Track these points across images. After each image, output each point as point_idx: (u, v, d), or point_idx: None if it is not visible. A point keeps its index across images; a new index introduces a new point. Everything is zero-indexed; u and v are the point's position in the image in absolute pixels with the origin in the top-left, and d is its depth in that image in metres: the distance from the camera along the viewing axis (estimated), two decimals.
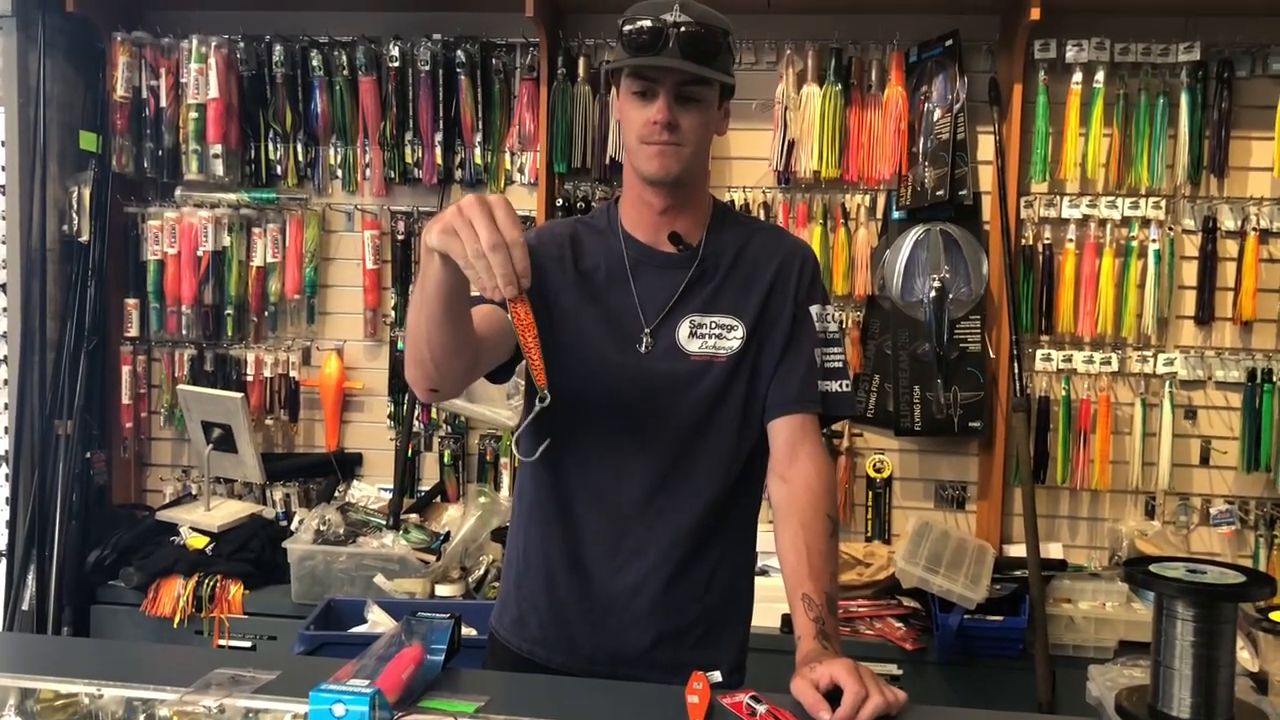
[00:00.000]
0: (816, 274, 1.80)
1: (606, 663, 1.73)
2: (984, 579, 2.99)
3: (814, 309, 1.77)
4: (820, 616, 1.57)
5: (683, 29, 1.60)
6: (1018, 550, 3.27)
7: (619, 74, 1.69)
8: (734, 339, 1.72)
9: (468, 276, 1.31)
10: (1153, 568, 1.50)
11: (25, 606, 3.36)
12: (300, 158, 3.61)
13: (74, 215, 3.54)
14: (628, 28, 1.64)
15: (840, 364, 1.78)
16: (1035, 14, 3.05)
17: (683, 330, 1.72)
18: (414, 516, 3.43)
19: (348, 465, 3.67)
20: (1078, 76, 3.26)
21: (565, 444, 1.71)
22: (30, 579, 3.37)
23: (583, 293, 1.73)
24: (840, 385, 1.78)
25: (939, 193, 3.25)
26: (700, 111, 1.65)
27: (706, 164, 1.78)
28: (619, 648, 1.73)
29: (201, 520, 3.38)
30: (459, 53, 3.45)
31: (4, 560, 3.50)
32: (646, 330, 1.71)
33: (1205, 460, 3.37)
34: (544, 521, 1.78)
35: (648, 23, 1.61)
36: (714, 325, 1.72)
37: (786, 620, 2.87)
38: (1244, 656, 2.74)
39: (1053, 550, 3.35)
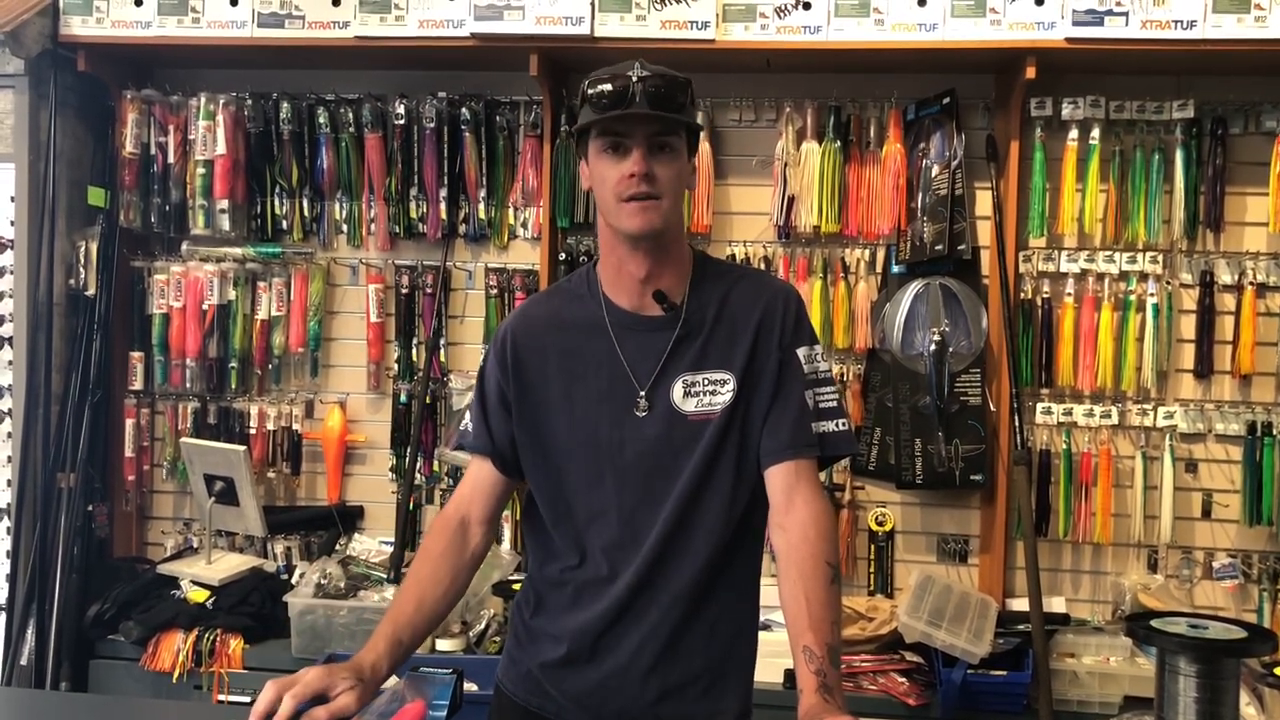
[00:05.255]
0: (801, 315, 1.79)
1: (614, 717, 1.74)
2: (987, 633, 2.97)
3: (801, 351, 1.76)
4: (822, 669, 1.57)
5: (649, 83, 1.64)
6: (1020, 604, 3.26)
7: (587, 138, 1.70)
8: (726, 392, 1.73)
9: None
10: (1155, 623, 1.50)
11: (24, 661, 3.34)
12: (306, 213, 3.65)
13: (81, 269, 3.57)
14: (593, 90, 1.67)
15: (835, 402, 1.78)
16: (1031, 73, 3.10)
17: (677, 391, 1.72)
18: None
19: (349, 518, 3.67)
20: (1074, 133, 3.30)
21: (567, 516, 1.76)
22: (29, 633, 3.35)
23: (572, 374, 1.76)
24: (837, 424, 1.77)
25: (938, 247, 3.29)
26: (674, 161, 1.68)
27: (683, 218, 1.80)
28: (625, 705, 1.74)
29: (202, 574, 3.38)
30: (464, 110, 3.51)
31: (3, 614, 3.49)
32: (641, 394, 1.72)
33: (1207, 513, 3.37)
34: (547, 586, 1.81)
35: (613, 83, 1.65)
36: (706, 382, 1.73)
37: (789, 675, 2.86)
38: (1249, 712, 2.73)
39: (1055, 604, 3.33)
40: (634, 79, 1.64)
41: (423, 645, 3.00)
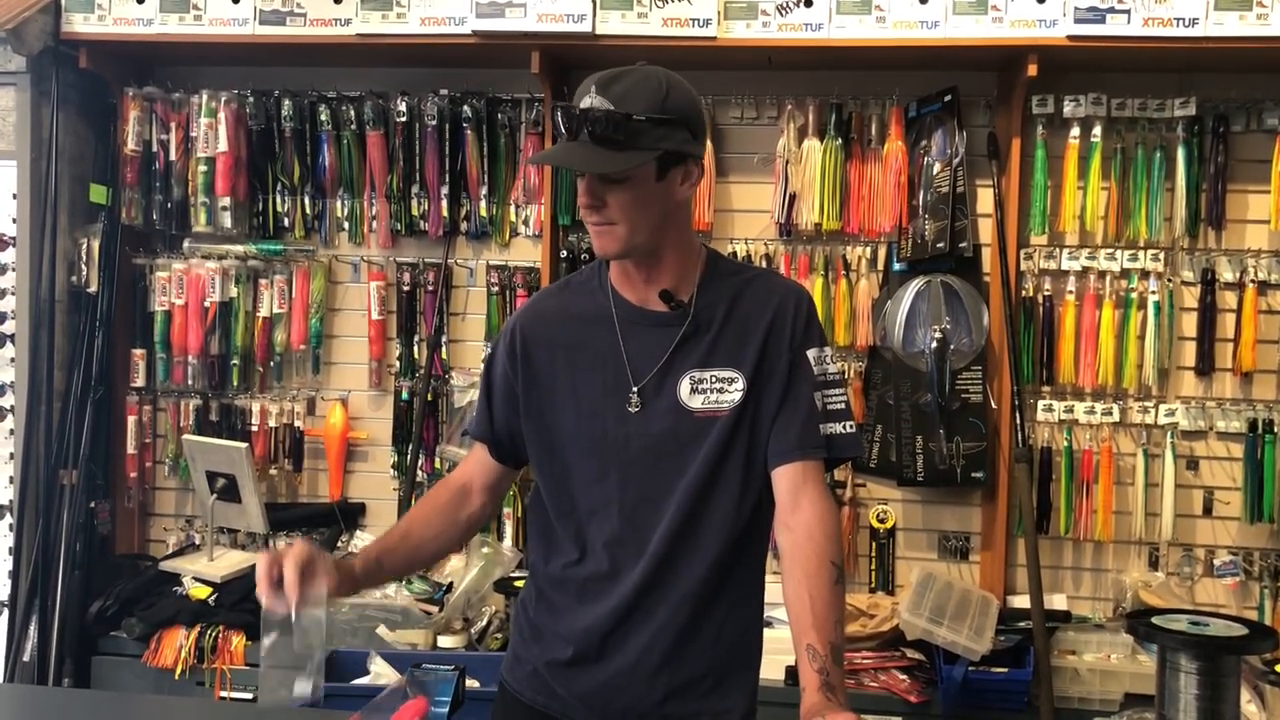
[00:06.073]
0: (812, 316, 1.78)
1: (620, 716, 1.74)
2: (988, 630, 2.98)
3: (811, 352, 1.75)
4: (824, 668, 1.57)
5: (592, 116, 1.60)
6: (1021, 601, 3.26)
7: None
8: (735, 391, 1.72)
9: None
10: (1156, 620, 1.51)
11: (27, 658, 3.35)
12: (307, 210, 3.65)
13: (83, 266, 3.58)
14: (554, 116, 1.67)
15: (843, 405, 1.77)
16: (1032, 70, 3.09)
17: (684, 387, 1.72)
18: None
19: (351, 515, 3.67)
20: (1075, 131, 3.30)
21: (570, 511, 1.76)
22: (32, 630, 3.36)
23: (578, 368, 1.76)
24: (844, 426, 1.76)
25: (939, 245, 3.29)
26: (628, 189, 1.64)
27: (676, 227, 1.73)
28: (631, 703, 1.74)
29: (204, 570, 3.38)
30: (465, 108, 3.51)
31: (6, 611, 3.49)
32: (634, 390, 1.72)
33: (1208, 511, 3.37)
34: (551, 584, 1.81)
35: (565, 112, 1.63)
36: (714, 379, 1.72)
37: (791, 672, 2.87)
38: (1250, 710, 2.73)
39: (1056, 601, 3.34)
40: (580, 110, 1.61)
41: (424, 643, 3.02)
